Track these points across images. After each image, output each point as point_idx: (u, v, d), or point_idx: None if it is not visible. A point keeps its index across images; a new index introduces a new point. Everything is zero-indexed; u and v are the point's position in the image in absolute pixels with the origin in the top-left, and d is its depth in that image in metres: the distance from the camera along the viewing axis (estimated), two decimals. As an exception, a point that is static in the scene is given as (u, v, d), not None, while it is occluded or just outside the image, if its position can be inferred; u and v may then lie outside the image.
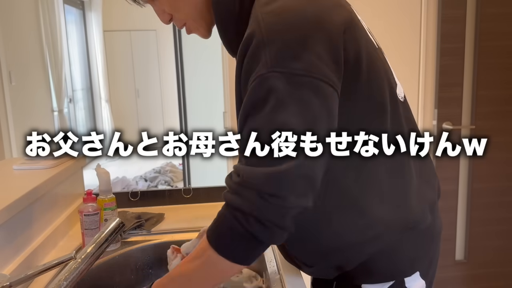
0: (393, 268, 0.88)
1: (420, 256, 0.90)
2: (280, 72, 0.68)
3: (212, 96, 2.69)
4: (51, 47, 4.66)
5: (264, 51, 0.69)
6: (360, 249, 0.85)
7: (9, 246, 1.02)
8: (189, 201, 1.62)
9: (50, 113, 4.70)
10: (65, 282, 0.77)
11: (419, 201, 0.87)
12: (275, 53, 0.68)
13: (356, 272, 0.89)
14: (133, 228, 1.37)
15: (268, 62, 0.68)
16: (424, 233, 0.89)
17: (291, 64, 0.68)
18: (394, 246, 0.85)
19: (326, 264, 0.89)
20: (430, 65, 2.25)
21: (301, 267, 0.96)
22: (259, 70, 0.69)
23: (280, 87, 0.67)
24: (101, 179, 1.25)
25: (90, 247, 0.81)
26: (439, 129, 2.29)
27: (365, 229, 0.83)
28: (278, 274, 1.04)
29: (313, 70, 0.68)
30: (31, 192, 1.12)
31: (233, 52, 0.85)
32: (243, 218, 0.68)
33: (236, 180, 0.70)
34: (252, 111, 0.70)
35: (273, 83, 0.68)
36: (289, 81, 0.68)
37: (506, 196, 2.40)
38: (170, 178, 4.79)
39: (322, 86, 0.69)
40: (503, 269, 2.47)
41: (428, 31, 2.21)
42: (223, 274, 0.76)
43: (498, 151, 2.35)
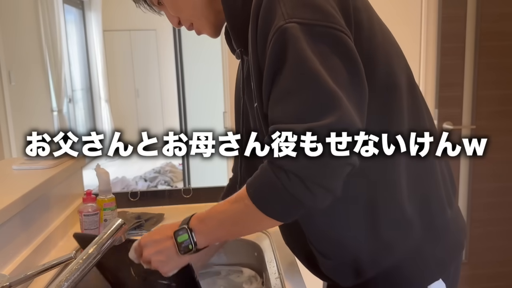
0: (418, 274, 0.86)
1: (443, 260, 0.88)
2: (298, 22, 0.67)
3: (212, 96, 2.69)
4: (51, 47, 4.66)
5: (279, 3, 0.69)
6: (383, 247, 0.82)
7: (9, 246, 1.02)
8: (189, 201, 1.62)
9: (49, 113, 4.70)
10: (66, 283, 0.77)
11: (442, 195, 0.87)
12: (290, 4, 0.69)
13: (376, 282, 0.85)
14: (133, 228, 1.36)
15: (284, 13, 0.68)
16: (447, 225, 0.88)
17: (308, 14, 0.68)
18: (420, 248, 0.84)
19: (344, 257, 0.85)
20: (431, 65, 2.25)
21: (317, 261, 0.90)
22: (277, 23, 0.68)
23: (301, 37, 0.67)
24: (101, 179, 1.25)
25: (91, 248, 0.80)
26: (439, 129, 2.28)
27: (399, 223, 0.81)
28: (278, 275, 1.04)
29: (331, 19, 0.69)
30: (30, 192, 1.12)
31: (240, 42, 0.84)
32: (286, 177, 0.67)
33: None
34: (278, 66, 0.69)
35: (293, 33, 0.67)
36: (309, 32, 0.67)
37: (506, 196, 2.40)
38: (170, 178, 4.79)
39: (340, 35, 0.69)
40: (504, 269, 2.47)
41: (428, 31, 2.21)
42: (259, 226, 0.77)
43: (498, 151, 2.34)
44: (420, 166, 0.84)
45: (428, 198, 0.85)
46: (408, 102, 0.83)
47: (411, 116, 0.82)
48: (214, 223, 0.79)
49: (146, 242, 0.84)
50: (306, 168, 0.66)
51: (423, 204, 0.84)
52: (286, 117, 0.67)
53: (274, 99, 0.70)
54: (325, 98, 0.66)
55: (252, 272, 1.17)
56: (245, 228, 0.79)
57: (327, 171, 0.67)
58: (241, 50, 0.86)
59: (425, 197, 0.85)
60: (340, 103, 0.65)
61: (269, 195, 0.70)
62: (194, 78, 2.86)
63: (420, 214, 0.83)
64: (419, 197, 0.84)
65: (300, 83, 0.67)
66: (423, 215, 0.84)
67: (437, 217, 0.86)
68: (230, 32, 0.85)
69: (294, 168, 0.66)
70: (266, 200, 0.71)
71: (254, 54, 0.74)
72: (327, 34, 0.69)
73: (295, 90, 0.68)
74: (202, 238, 0.79)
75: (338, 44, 0.69)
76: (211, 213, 0.80)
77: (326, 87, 0.66)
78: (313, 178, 0.66)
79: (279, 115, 0.69)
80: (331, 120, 0.64)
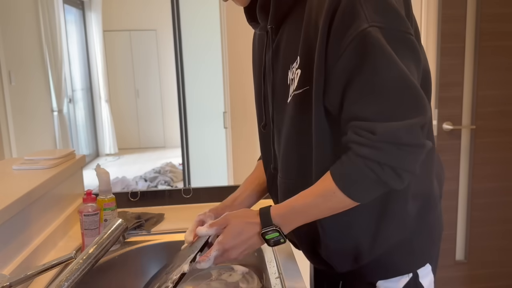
0: (408, 260, 0.91)
1: (429, 249, 0.95)
2: (379, 27, 0.73)
3: (212, 96, 2.69)
4: (51, 47, 4.66)
5: (361, 6, 0.73)
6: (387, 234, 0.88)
7: (9, 246, 1.02)
8: (189, 201, 1.62)
9: (49, 113, 4.70)
10: (66, 283, 0.77)
11: (437, 190, 0.94)
12: (372, 8, 0.73)
13: (369, 267, 0.90)
14: (133, 228, 1.37)
15: (368, 16, 0.73)
16: (436, 220, 0.95)
17: (389, 20, 0.74)
18: (411, 240, 0.90)
19: (348, 241, 0.89)
20: (431, 65, 2.24)
21: (319, 244, 0.93)
22: (359, 24, 0.73)
23: (384, 41, 0.72)
24: (101, 179, 1.25)
25: (92, 248, 0.81)
26: (440, 129, 2.29)
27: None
28: (278, 274, 1.04)
29: (407, 25, 0.76)
30: (30, 192, 1.12)
31: (275, 20, 0.87)
32: (379, 168, 0.75)
33: (372, 137, 0.74)
34: (360, 64, 0.74)
35: (377, 36, 0.72)
36: (390, 36, 0.73)
37: (506, 196, 2.40)
38: (170, 178, 4.79)
39: (413, 40, 0.76)
40: (503, 269, 2.47)
41: (428, 31, 2.22)
42: (343, 209, 0.83)
43: (498, 151, 2.35)
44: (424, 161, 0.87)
45: (426, 193, 0.91)
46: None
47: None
48: (299, 216, 0.85)
49: (230, 250, 0.87)
50: (401, 160, 0.75)
51: (422, 198, 0.90)
52: (379, 115, 0.74)
53: (358, 97, 0.76)
54: (415, 97, 0.74)
55: (245, 269, 1.16)
56: (328, 213, 0.84)
57: (412, 158, 0.75)
58: (271, 28, 0.89)
59: (424, 195, 0.90)
60: (425, 101, 0.75)
61: (362, 186, 0.79)
62: (194, 78, 2.86)
63: (418, 210, 0.89)
64: (420, 192, 0.89)
65: (391, 83, 0.73)
66: (419, 211, 0.89)
67: (430, 213, 0.92)
68: (273, 7, 0.86)
69: (389, 160, 0.75)
70: (357, 190, 0.80)
71: (322, 47, 0.77)
72: (405, 39, 0.76)
73: (387, 89, 0.73)
74: (287, 229, 0.86)
75: (413, 48, 0.76)
76: (293, 208, 0.85)
77: (414, 87, 0.73)
78: (402, 165, 0.75)
79: (370, 113, 0.75)
80: (421, 118, 0.73)
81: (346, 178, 0.79)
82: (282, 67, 0.89)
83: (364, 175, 0.76)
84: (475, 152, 2.32)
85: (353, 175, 0.78)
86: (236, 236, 0.86)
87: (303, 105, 0.83)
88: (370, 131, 0.74)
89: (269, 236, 0.85)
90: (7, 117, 3.47)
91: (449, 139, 2.30)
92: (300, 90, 0.83)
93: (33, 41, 4.36)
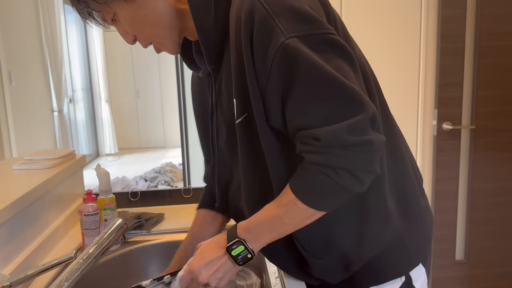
0: (400, 262, 0.91)
1: (422, 247, 0.95)
2: (297, 36, 0.71)
3: (212, 96, 2.69)
4: (51, 47, 4.66)
5: (274, 21, 0.72)
6: (375, 238, 0.87)
7: (9, 246, 1.03)
8: (189, 201, 1.62)
9: (50, 113, 4.70)
10: (66, 283, 0.77)
11: (415, 185, 0.93)
12: (286, 20, 0.72)
13: (361, 274, 0.89)
14: (133, 228, 1.37)
15: (283, 29, 0.71)
16: (423, 213, 0.94)
17: (304, 27, 0.72)
18: (400, 239, 0.89)
19: (334, 254, 0.88)
20: (430, 65, 2.25)
21: (307, 264, 0.92)
22: (278, 39, 0.71)
23: (305, 48, 0.71)
24: (101, 179, 1.25)
25: (92, 248, 0.81)
26: (439, 129, 2.29)
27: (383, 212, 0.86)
28: (278, 274, 1.04)
29: (323, 26, 0.73)
30: (31, 192, 1.12)
31: (212, 60, 0.86)
32: (334, 173, 0.73)
33: (317, 143, 0.72)
34: (289, 79, 0.73)
35: (297, 46, 0.71)
36: (309, 42, 0.71)
37: (506, 196, 2.40)
38: (170, 178, 4.79)
39: (337, 39, 0.74)
40: (503, 269, 2.47)
41: (428, 31, 2.22)
42: (309, 219, 0.80)
43: (498, 151, 2.35)
44: (395, 157, 0.89)
45: (404, 190, 0.90)
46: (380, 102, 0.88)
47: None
48: (264, 228, 0.83)
49: (197, 269, 0.86)
50: (352, 160, 0.72)
51: (400, 195, 0.89)
52: (319, 121, 0.72)
53: (297, 109, 0.74)
54: (350, 96, 0.71)
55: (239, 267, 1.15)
56: (295, 225, 0.82)
57: (363, 156, 0.72)
58: (212, 68, 0.88)
59: (402, 188, 0.90)
60: (363, 98, 0.72)
61: (320, 193, 0.76)
62: (194, 78, 2.85)
63: (398, 205, 0.88)
64: (397, 189, 0.88)
65: (322, 88, 0.71)
66: (401, 207, 0.89)
67: (412, 207, 0.92)
68: (204, 51, 0.85)
69: (341, 163, 0.72)
70: (317, 199, 0.77)
71: (250, 72, 0.76)
72: (328, 40, 0.73)
73: (320, 95, 0.72)
74: (255, 245, 0.83)
75: (340, 47, 0.74)
76: (257, 220, 0.83)
77: (347, 87, 0.71)
78: (356, 166, 0.73)
79: (310, 122, 0.73)
80: (362, 115, 0.71)
81: (305, 187, 0.77)
82: (227, 103, 0.88)
83: (320, 181, 0.74)
84: (475, 152, 2.33)
85: (310, 184, 0.76)
86: (203, 257, 0.86)
87: (248, 132, 0.82)
88: (314, 138, 0.72)
89: (235, 252, 0.83)
90: (7, 117, 3.47)
91: (448, 139, 2.30)
92: (240, 118, 0.82)
93: (33, 41, 4.35)
